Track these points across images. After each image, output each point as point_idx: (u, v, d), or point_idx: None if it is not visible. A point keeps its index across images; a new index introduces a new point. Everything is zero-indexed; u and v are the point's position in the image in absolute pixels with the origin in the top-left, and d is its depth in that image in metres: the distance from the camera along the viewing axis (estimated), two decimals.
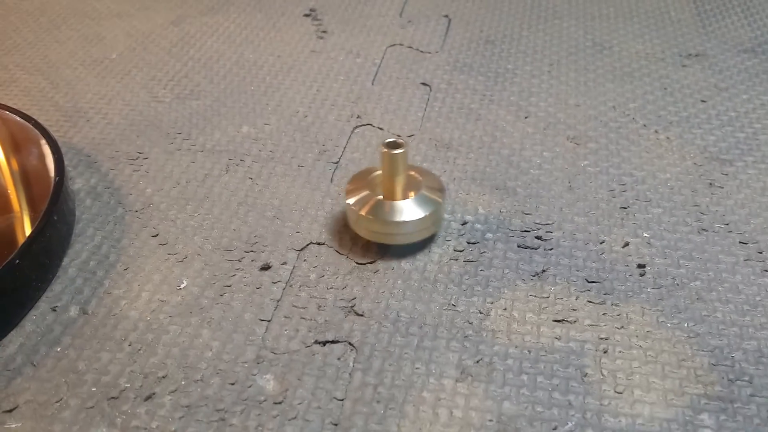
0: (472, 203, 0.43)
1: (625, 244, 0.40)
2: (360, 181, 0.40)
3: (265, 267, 0.38)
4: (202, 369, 0.33)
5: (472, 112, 0.52)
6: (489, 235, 0.40)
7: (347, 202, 0.39)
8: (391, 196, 0.38)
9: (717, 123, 0.50)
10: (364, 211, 0.38)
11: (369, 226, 0.38)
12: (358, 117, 0.51)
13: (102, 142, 0.49)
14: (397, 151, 0.37)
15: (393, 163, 0.37)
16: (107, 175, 0.46)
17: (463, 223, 0.41)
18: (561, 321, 0.35)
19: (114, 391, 0.32)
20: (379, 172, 0.39)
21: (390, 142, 0.37)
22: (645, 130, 0.49)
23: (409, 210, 0.38)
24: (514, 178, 0.45)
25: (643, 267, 0.38)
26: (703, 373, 0.33)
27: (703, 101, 0.53)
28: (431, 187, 0.39)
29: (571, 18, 0.65)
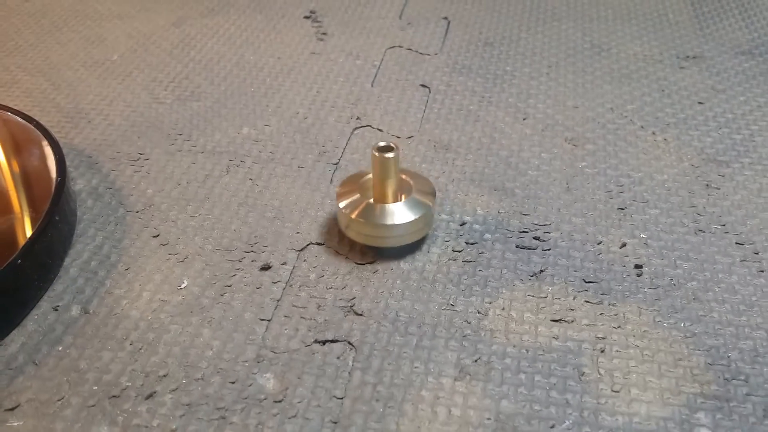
0: (471, 204, 0.43)
1: (623, 245, 0.40)
2: (351, 185, 0.40)
3: (265, 267, 0.39)
4: (202, 368, 0.33)
5: (471, 114, 0.52)
6: (487, 235, 0.41)
7: (338, 206, 0.39)
8: (381, 199, 0.38)
9: (714, 125, 0.50)
10: (354, 215, 0.38)
11: (360, 229, 0.38)
12: (358, 118, 0.52)
13: (103, 143, 0.49)
14: (389, 155, 0.37)
15: (384, 166, 0.37)
16: (108, 175, 0.46)
17: (462, 223, 0.42)
18: (559, 321, 0.35)
19: (115, 390, 0.32)
20: (369, 176, 0.40)
21: (382, 145, 0.37)
22: (642, 132, 0.50)
23: (399, 213, 0.38)
24: (512, 179, 0.45)
25: (640, 267, 0.38)
26: (699, 372, 0.33)
27: (701, 103, 0.53)
28: (422, 191, 0.39)
29: (570, 20, 0.66)
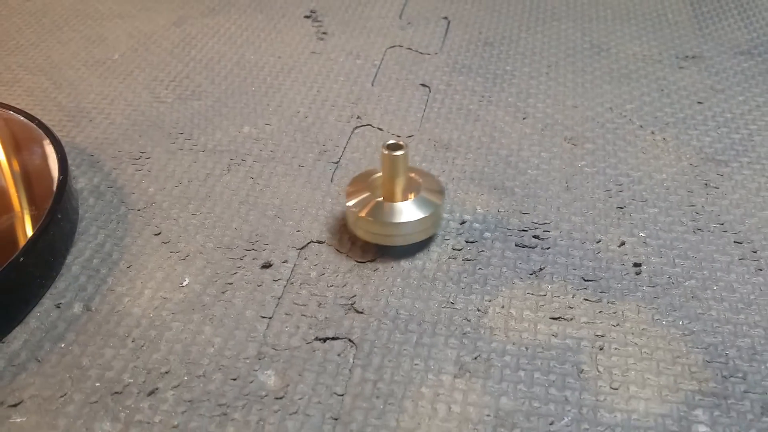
0: (471, 203, 0.43)
1: (622, 244, 0.40)
2: (360, 183, 0.40)
3: (267, 265, 0.39)
4: (204, 365, 0.34)
5: (471, 113, 0.52)
6: (487, 234, 0.41)
7: (347, 204, 0.39)
8: (390, 197, 0.39)
9: (713, 124, 0.51)
10: (363, 213, 0.38)
11: (368, 228, 0.38)
12: (358, 117, 0.52)
13: (105, 142, 0.49)
14: (398, 152, 0.37)
15: (393, 164, 0.37)
16: (110, 174, 0.46)
17: (462, 222, 0.42)
18: (558, 318, 0.36)
19: (117, 386, 0.32)
20: (379, 174, 0.40)
21: (391, 144, 0.37)
22: (642, 131, 0.50)
23: (408, 211, 0.38)
24: (512, 178, 0.45)
25: (639, 266, 0.39)
26: (697, 369, 0.33)
27: (700, 103, 0.53)
28: (431, 189, 0.40)
29: (569, 20, 0.66)
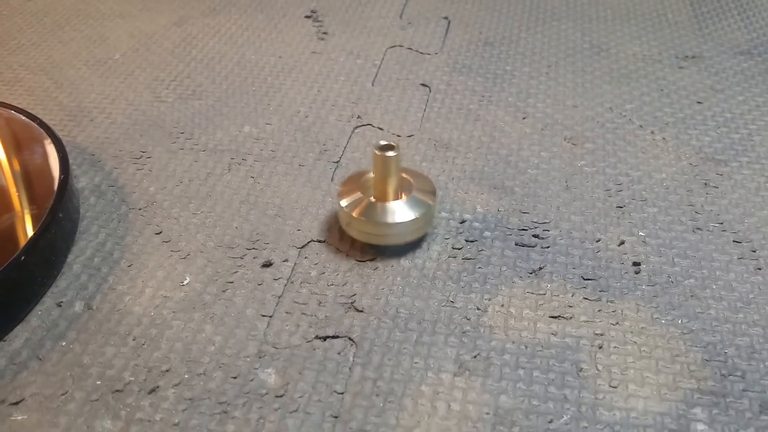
0: (471, 202, 0.43)
1: (621, 243, 0.40)
2: (352, 184, 0.40)
3: (267, 264, 0.39)
4: (204, 363, 0.34)
5: (471, 113, 0.52)
6: (487, 233, 0.41)
7: (340, 204, 0.39)
8: (382, 197, 0.39)
9: (713, 124, 0.51)
10: (355, 213, 0.38)
11: (361, 228, 0.39)
12: (359, 117, 0.52)
13: (106, 141, 0.50)
14: (390, 153, 0.37)
15: (385, 165, 0.37)
16: (111, 173, 0.46)
17: (462, 221, 0.42)
18: (557, 317, 0.36)
19: (118, 385, 0.33)
20: (371, 175, 0.40)
21: (383, 144, 0.37)
22: (641, 131, 0.50)
23: (400, 211, 0.38)
24: (512, 178, 0.46)
25: (638, 265, 0.39)
26: (696, 368, 0.33)
27: (699, 102, 0.53)
28: (423, 190, 0.40)
29: (569, 20, 0.66)
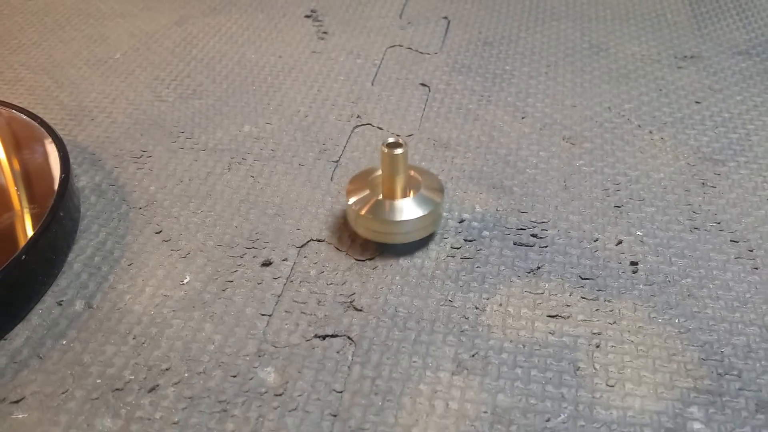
0: (470, 202, 0.44)
1: (619, 242, 0.40)
2: (360, 182, 0.40)
3: (267, 263, 0.39)
4: (204, 362, 0.34)
5: (470, 113, 0.53)
6: (486, 232, 0.41)
7: (348, 202, 0.39)
8: (391, 195, 0.39)
9: (711, 124, 0.51)
10: (363, 211, 0.39)
11: (369, 225, 0.39)
12: (358, 117, 0.52)
13: (106, 141, 0.50)
14: (398, 151, 0.37)
15: (393, 163, 0.38)
16: (111, 172, 0.47)
17: (461, 221, 0.42)
18: (555, 316, 0.36)
19: (118, 383, 0.33)
20: (379, 173, 0.40)
21: (391, 142, 0.38)
22: (639, 131, 0.50)
23: (408, 209, 0.38)
24: (510, 177, 0.46)
25: (636, 264, 0.39)
26: (693, 367, 0.33)
27: (698, 102, 0.53)
28: (431, 187, 0.40)
29: (569, 20, 0.66)
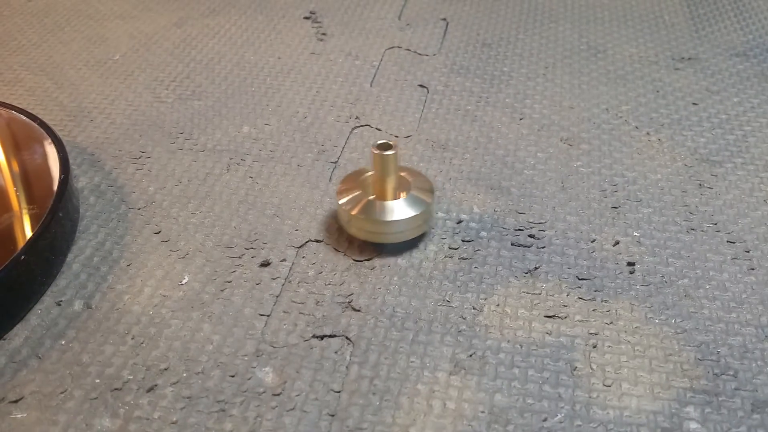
0: (467, 202, 0.44)
1: (616, 243, 0.41)
2: (352, 182, 0.41)
3: (265, 263, 0.39)
4: (203, 362, 0.34)
5: (469, 114, 0.53)
6: (483, 233, 0.41)
7: (339, 202, 0.40)
8: (382, 196, 0.39)
9: (708, 125, 0.51)
10: (355, 211, 0.39)
11: (360, 225, 0.39)
12: (357, 118, 0.52)
13: (106, 142, 0.50)
14: (388, 152, 0.37)
15: (384, 164, 0.38)
16: (111, 173, 0.47)
17: (458, 221, 0.42)
18: (552, 317, 0.36)
19: (117, 383, 0.33)
20: (370, 173, 0.40)
21: (381, 143, 0.38)
22: (637, 132, 0.50)
23: (399, 210, 0.39)
24: (508, 178, 0.46)
25: (633, 265, 0.39)
26: (689, 367, 0.33)
27: (695, 104, 0.54)
28: (421, 188, 0.40)
29: (567, 22, 0.66)
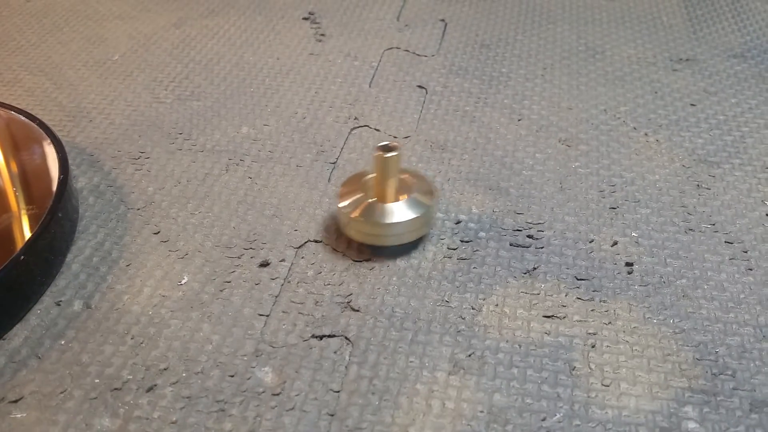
0: (466, 203, 0.44)
1: (614, 243, 0.41)
2: (353, 185, 0.41)
3: (264, 264, 0.40)
4: (202, 362, 0.34)
5: (467, 115, 0.53)
6: (482, 233, 0.41)
7: (338, 206, 0.40)
8: (382, 198, 0.39)
9: (705, 126, 0.51)
10: (355, 214, 0.39)
11: (359, 228, 0.39)
12: (356, 118, 0.52)
13: (105, 142, 0.50)
14: (390, 154, 0.37)
15: (385, 166, 0.38)
16: (110, 173, 0.47)
17: (457, 222, 0.42)
18: (551, 317, 0.36)
19: (117, 383, 0.33)
20: (372, 175, 0.40)
21: (383, 145, 0.38)
22: (635, 133, 0.51)
23: (399, 212, 0.39)
24: (507, 179, 0.46)
25: (631, 265, 0.39)
26: (687, 367, 0.34)
27: (693, 105, 0.54)
28: (423, 190, 0.40)
29: (565, 23, 0.67)
